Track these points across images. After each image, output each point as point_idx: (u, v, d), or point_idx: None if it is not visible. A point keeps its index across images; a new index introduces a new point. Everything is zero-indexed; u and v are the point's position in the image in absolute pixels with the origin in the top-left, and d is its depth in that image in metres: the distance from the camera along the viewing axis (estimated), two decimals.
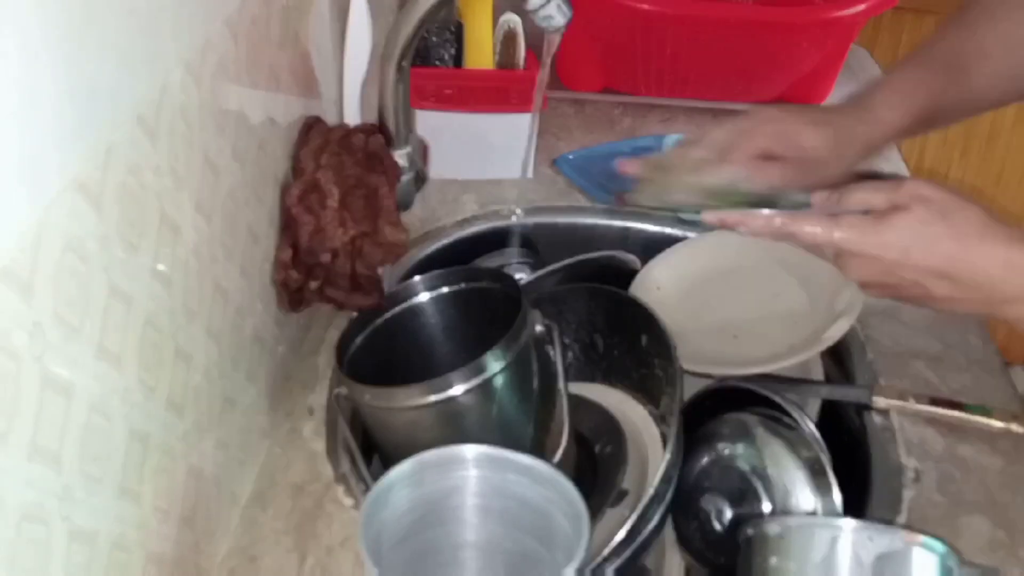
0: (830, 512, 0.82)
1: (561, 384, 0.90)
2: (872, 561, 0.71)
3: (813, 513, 0.82)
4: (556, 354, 0.90)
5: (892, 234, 0.72)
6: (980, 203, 0.73)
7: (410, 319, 0.97)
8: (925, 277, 0.73)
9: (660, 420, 0.97)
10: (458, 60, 1.30)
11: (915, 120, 0.92)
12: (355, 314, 0.94)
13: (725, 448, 0.88)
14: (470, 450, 0.75)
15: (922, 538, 0.72)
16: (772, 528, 0.76)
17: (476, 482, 0.76)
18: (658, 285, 1.14)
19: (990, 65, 0.94)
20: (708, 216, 0.81)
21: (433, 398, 0.82)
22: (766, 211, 0.79)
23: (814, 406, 1.04)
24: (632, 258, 1.18)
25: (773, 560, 0.75)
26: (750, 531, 0.78)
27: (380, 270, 0.95)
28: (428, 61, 1.29)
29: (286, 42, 0.92)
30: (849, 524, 0.73)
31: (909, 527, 0.87)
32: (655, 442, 0.95)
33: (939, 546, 0.72)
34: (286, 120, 0.93)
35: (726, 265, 1.15)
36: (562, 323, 1.00)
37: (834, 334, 0.97)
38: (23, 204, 0.50)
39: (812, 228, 0.75)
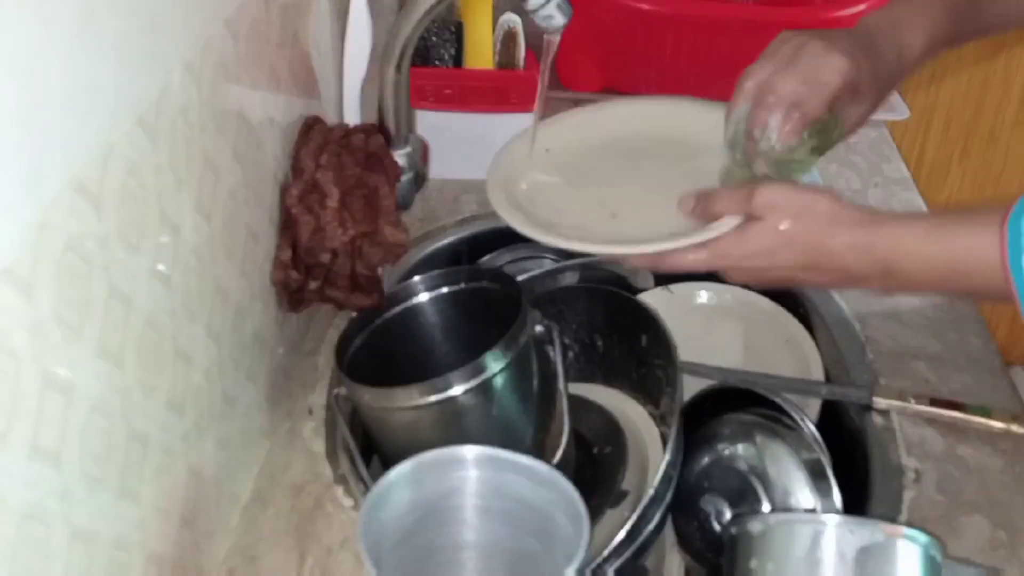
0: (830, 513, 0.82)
1: (561, 384, 0.90)
2: (855, 555, 0.71)
3: (813, 512, 0.82)
4: (556, 354, 0.90)
5: (753, 245, 0.81)
6: (827, 193, 0.81)
7: (410, 319, 0.97)
8: (793, 271, 0.82)
9: (660, 420, 0.97)
10: (458, 60, 1.30)
11: (934, 46, 0.93)
12: (355, 314, 0.94)
13: (725, 449, 0.88)
14: (470, 451, 0.75)
15: (904, 530, 0.73)
16: (755, 526, 0.76)
17: (476, 483, 0.76)
18: (547, 147, 1.04)
19: None
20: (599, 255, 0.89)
21: (433, 398, 0.82)
22: (650, 248, 0.84)
23: (814, 406, 1.04)
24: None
25: (753, 562, 0.75)
26: (734, 530, 0.78)
27: (380, 270, 0.95)
28: (428, 61, 1.29)
29: (286, 42, 0.92)
30: (831, 519, 0.73)
31: (892, 520, 0.87)
32: (655, 443, 0.95)
33: (922, 537, 0.72)
34: (286, 120, 0.93)
35: (624, 139, 1.05)
36: (562, 323, 1.00)
37: (721, 227, 0.86)
38: (23, 204, 0.50)
39: (695, 257, 0.84)
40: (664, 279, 1.19)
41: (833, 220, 0.80)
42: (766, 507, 0.84)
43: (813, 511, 0.83)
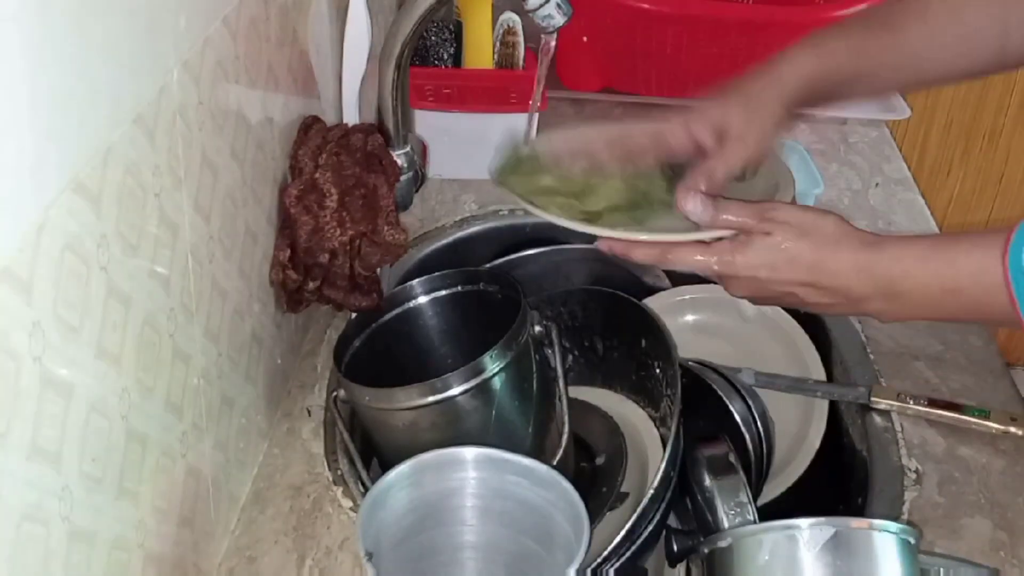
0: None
1: (561, 385, 0.90)
2: (829, 553, 0.71)
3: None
4: (555, 355, 0.90)
5: (759, 256, 0.81)
6: (835, 214, 0.81)
7: (409, 321, 0.96)
8: (794, 287, 0.81)
9: (660, 423, 0.97)
10: (457, 60, 1.30)
11: (831, 81, 0.91)
12: (354, 316, 0.94)
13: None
14: (469, 452, 0.75)
15: (872, 522, 0.73)
16: (722, 541, 0.76)
17: (475, 484, 0.76)
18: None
19: (931, 28, 0.92)
20: (600, 244, 0.86)
21: (432, 399, 0.82)
22: (646, 236, 0.84)
23: (820, 406, 1.04)
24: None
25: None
26: (705, 549, 0.78)
27: (379, 270, 0.95)
28: (427, 61, 1.28)
29: (285, 41, 0.92)
30: (804, 522, 0.73)
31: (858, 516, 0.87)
32: (655, 445, 0.95)
33: (892, 525, 0.73)
34: (284, 119, 0.93)
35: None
36: (561, 326, 1.00)
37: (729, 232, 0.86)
38: (23, 204, 0.50)
39: (692, 256, 0.83)
40: (680, 280, 1.19)
41: (838, 240, 0.80)
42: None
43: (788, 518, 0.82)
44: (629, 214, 0.89)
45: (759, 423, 0.98)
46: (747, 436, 0.97)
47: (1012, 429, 0.97)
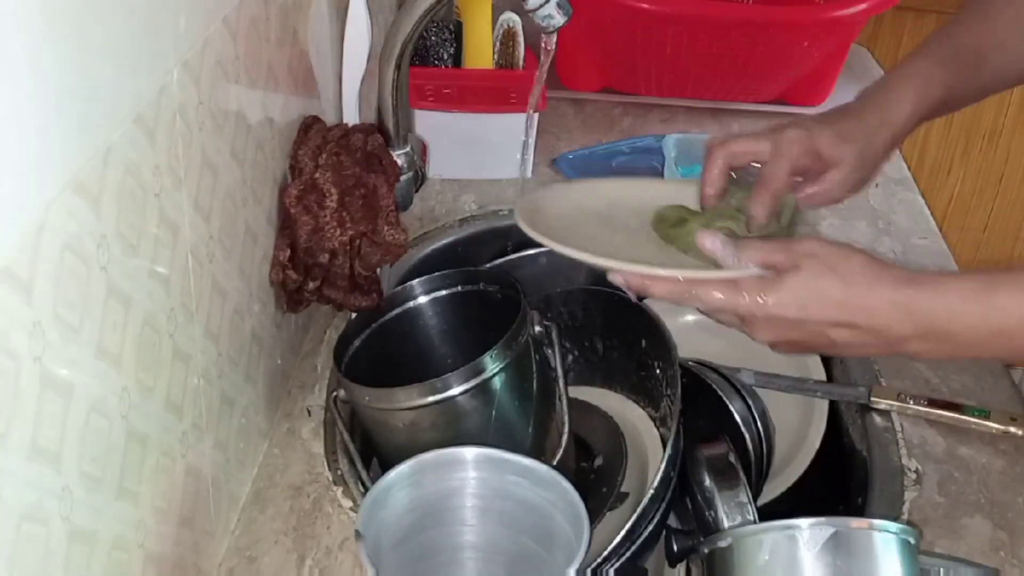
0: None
1: (561, 385, 0.90)
2: (829, 552, 0.71)
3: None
4: (555, 355, 0.90)
5: (788, 293, 0.76)
6: (864, 252, 0.77)
7: (408, 321, 0.97)
8: (825, 328, 0.76)
9: (660, 423, 0.97)
10: (457, 60, 1.30)
11: (929, 112, 0.93)
12: (354, 316, 0.94)
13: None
14: (470, 451, 0.75)
15: (872, 522, 0.73)
16: (722, 541, 0.76)
17: (476, 483, 0.76)
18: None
19: (1006, 53, 0.94)
20: (613, 278, 0.82)
21: (432, 399, 0.82)
22: (665, 272, 0.80)
23: (821, 406, 1.04)
24: None
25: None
26: (705, 549, 0.78)
27: (379, 270, 0.95)
28: (427, 61, 1.28)
29: (284, 41, 0.92)
30: (804, 522, 0.73)
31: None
32: (655, 445, 0.95)
33: (892, 526, 0.72)
34: (284, 119, 0.93)
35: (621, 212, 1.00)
36: (561, 326, 1.00)
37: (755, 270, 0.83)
38: (23, 204, 0.50)
39: (717, 294, 0.78)
40: None
41: (873, 277, 0.75)
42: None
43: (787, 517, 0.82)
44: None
45: (759, 423, 0.98)
46: (747, 436, 0.97)
47: (1012, 429, 0.97)
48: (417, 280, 0.97)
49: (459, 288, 0.96)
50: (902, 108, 0.91)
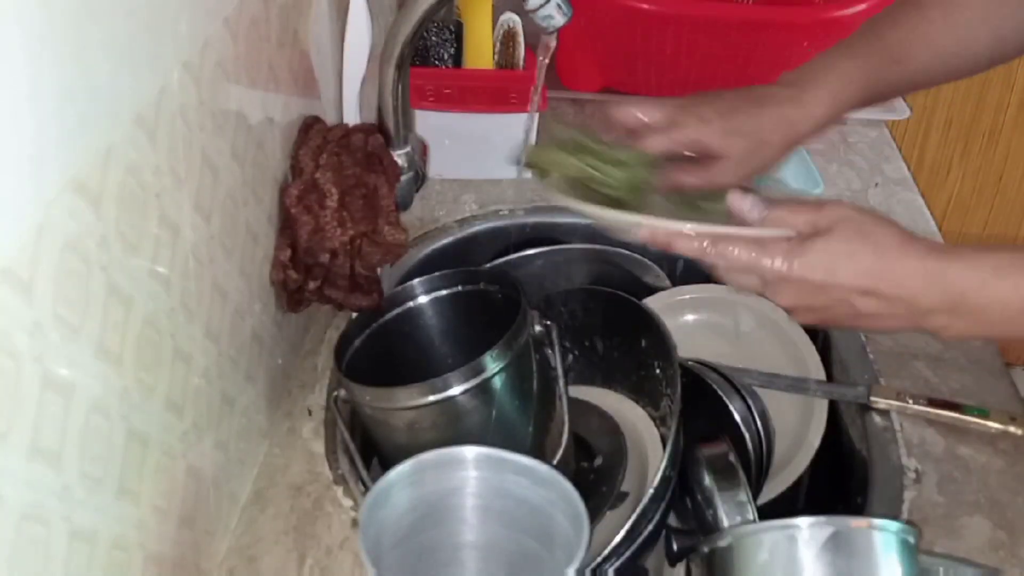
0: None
1: (561, 385, 0.90)
2: (829, 552, 0.71)
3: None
4: (555, 355, 0.90)
5: (817, 256, 0.73)
6: (895, 222, 0.75)
7: (409, 321, 0.97)
8: (851, 295, 0.74)
9: (660, 422, 0.97)
10: (458, 60, 1.30)
11: (847, 108, 0.91)
12: (354, 315, 0.94)
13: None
14: (470, 451, 0.75)
15: (872, 521, 0.73)
16: (722, 540, 0.76)
17: (476, 483, 0.76)
18: None
19: (933, 50, 0.92)
20: (642, 232, 0.79)
21: (432, 398, 0.82)
22: (690, 226, 0.77)
23: (820, 406, 1.04)
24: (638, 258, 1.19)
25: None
26: (704, 548, 0.78)
27: (379, 270, 0.95)
28: (428, 61, 1.28)
29: (285, 41, 0.92)
30: (804, 522, 0.72)
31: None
32: (655, 444, 0.95)
33: (892, 525, 0.72)
34: (285, 120, 0.93)
35: None
36: (561, 326, 1.00)
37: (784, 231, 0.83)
38: (23, 204, 0.50)
39: (741, 253, 0.75)
40: (680, 280, 1.19)
41: (903, 245, 0.73)
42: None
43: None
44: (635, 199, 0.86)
45: (759, 423, 0.98)
46: (747, 436, 0.97)
47: (1011, 429, 0.97)
48: (417, 280, 0.97)
49: (459, 288, 0.96)
50: (810, 110, 0.89)
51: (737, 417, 0.97)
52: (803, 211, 0.76)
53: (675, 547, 0.82)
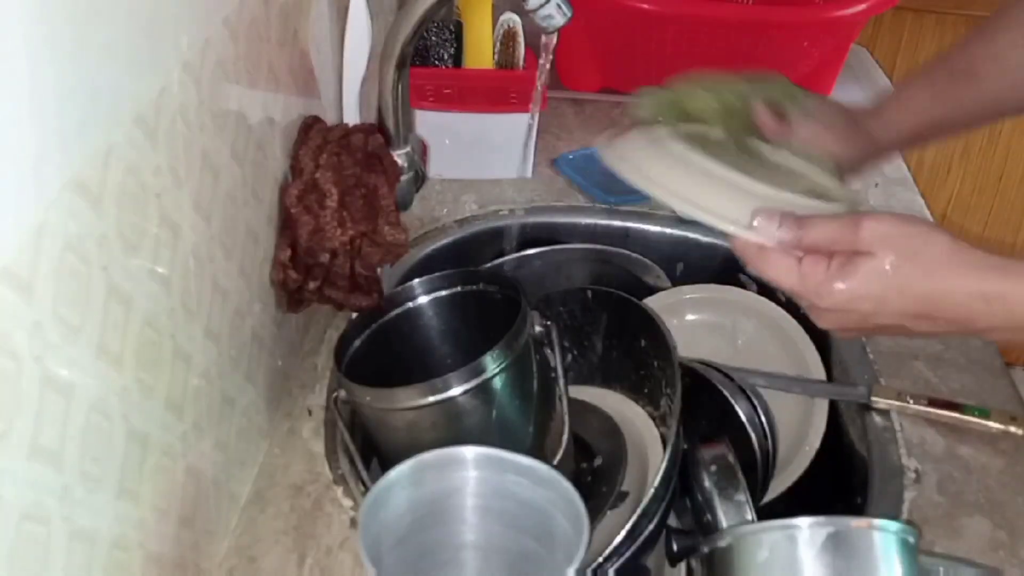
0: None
1: (561, 385, 0.90)
2: (829, 552, 0.71)
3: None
4: (555, 355, 0.90)
5: (862, 286, 0.69)
6: (944, 231, 0.71)
7: (409, 321, 0.97)
8: (903, 320, 0.71)
9: (660, 422, 0.97)
10: (458, 60, 1.30)
11: (927, 128, 0.94)
12: (354, 315, 0.94)
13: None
14: (470, 451, 0.75)
15: (872, 521, 0.72)
16: (722, 540, 0.76)
17: (476, 483, 0.76)
18: None
19: (1000, 65, 0.93)
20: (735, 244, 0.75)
21: (432, 399, 0.82)
22: (747, 235, 0.73)
23: (820, 406, 1.04)
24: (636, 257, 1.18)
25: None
26: (704, 548, 0.78)
27: (379, 270, 0.95)
28: (428, 61, 1.29)
29: (285, 42, 0.92)
30: (804, 522, 0.72)
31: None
32: (655, 444, 0.95)
33: (892, 524, 0.72)
34: (285, 120, 0.93)
35: None
36: (561, 326, 1.00)
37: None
38: (23, 204, 0.50)
39: (776, 270, 0.72)
40: (679, 280, 1.20)
41: (956, 263, 0.69)
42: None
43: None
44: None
45: (764, 421, 0.98)
46: (752, 435, 0.97)
47: (1012, 429, 0.97)
48: (417, 280, 0.97)
49: (459, 288, 0.96)
50: (895, 123, 0.94)
51: (743, 417, 0.97)
52: (841, 228, 0.71)
53: (675, 547, 0.82)
